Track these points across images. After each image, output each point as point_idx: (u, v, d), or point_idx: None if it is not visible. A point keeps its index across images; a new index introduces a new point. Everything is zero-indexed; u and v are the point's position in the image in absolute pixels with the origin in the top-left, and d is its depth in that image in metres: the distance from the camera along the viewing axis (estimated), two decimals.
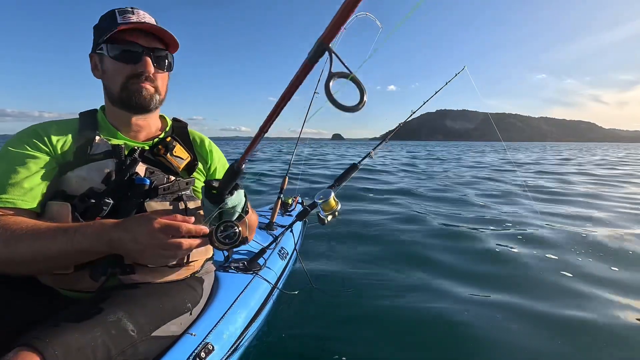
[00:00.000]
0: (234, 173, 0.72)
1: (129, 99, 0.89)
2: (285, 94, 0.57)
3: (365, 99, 0.50)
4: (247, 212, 0.86)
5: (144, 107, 0.92)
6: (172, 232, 0.69)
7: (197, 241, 0.73)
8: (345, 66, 0.51)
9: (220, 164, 1.10)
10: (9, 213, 0.76)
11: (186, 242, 0.71)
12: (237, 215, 0.81)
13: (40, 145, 0.85)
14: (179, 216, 0.72)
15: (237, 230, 0.75)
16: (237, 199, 0.80)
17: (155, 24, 0.90)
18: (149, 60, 0.88)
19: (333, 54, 0.49)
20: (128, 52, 0.87)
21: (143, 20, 0.88)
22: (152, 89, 0.91)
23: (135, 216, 0.73)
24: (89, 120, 0.94)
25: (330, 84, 0.49)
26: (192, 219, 0.73)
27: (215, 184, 0.78)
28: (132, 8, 0.90)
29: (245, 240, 0.79)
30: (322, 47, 0.49)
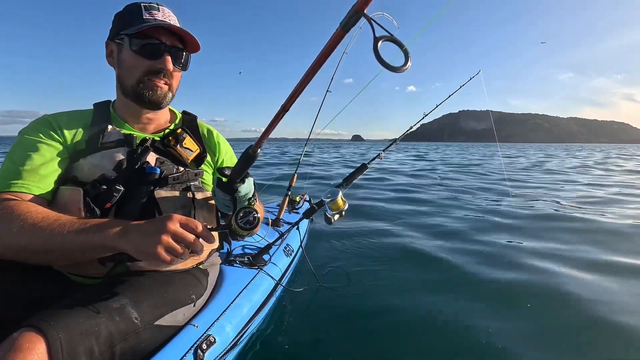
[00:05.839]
0: (249, 157, 0.72)
1: (141, 95, 0.90)
2: (315, 64, 0.55)
3: (410, 61, 0.50)
4: (255, 202, 0.87)
5: (156, 105, 0.93)
6: (190, 228, 0.71)
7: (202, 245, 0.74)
8: (386, 30, 0.51)
9: (227, 156, 1.11)
10: (24, 198, 0.78)
11: (197, 242, 0.72)
12: (247, 203, 0.82)
13: (53, 134, 0.87)
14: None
15: (256, 215, 0.77)
16: (248, 187, 0.81)
17: (178, 23, 0.92)
18: (169, 57, 0.90)
19: (372, 21, 0.50)
20: (149, 47, 0.88)
21: (169, 19, 0.90)
22: (166, 87, 0.93)
23: None
24: (102, 111, 0.96)
25: (378, 46, 0.49)
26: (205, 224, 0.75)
27: (228, 172, 0.79)
28: (157, 4, 0.91)
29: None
30: (357, 15, 0.49)
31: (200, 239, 0.73)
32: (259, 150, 0.71)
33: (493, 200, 4.78)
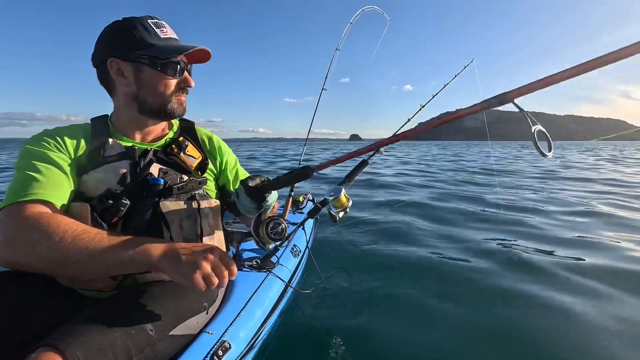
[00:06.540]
0: (303, 174, 0.80)
1: (172, 111, 0.93)
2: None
3: (553, 150, 0.65)
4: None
5: (179, 116, 0.98)
6: (226, 262, 0.73)
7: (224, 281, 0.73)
8: (535, 121, 0.65)
9: (230, 157, 1.14)
10: (50, 208, 0.76)
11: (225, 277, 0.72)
12: (269, 211, 0.90)
13: (59, 146, 0.86)
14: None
15: (284, 226, 0.85)
16: (274, 196, 0.88)
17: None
18: (188, 74, 0.95)
19: (525, 113, 0.64)
20: (175, 66, 0.90)
21: (173, 35, 0.93)
22: (186, 101, 0.98)
23: None
24: (101, 125, 0.96)
25: (535, 136, 0.64)
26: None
27: (252, 183, 0.84)
28: (157, 20, 0.92)
29: None
30: (505, 99, 0.64)
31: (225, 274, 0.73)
32: (316, 173, 0.79)
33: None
